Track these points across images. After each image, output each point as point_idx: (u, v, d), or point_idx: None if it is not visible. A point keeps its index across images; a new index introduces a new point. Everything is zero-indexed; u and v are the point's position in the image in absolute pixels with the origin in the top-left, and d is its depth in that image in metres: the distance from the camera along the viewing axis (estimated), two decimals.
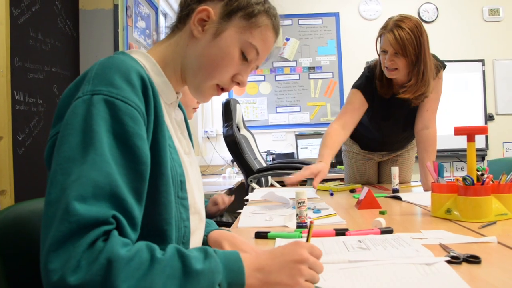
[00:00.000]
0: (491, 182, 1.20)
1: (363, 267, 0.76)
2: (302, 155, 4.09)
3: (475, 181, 1.20)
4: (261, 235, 1.08)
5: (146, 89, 0.71)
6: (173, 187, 0.75)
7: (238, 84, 0.87)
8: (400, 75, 1.85)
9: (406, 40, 1.74)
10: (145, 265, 0.56)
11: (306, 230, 1.09)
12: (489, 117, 4.33)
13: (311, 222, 0.68)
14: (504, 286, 0.66)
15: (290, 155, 4.13)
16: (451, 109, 4.18)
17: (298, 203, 1.14)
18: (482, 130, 1.26)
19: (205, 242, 1.02)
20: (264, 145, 4.23)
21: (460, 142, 4.01)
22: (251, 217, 1.39)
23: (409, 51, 1.75)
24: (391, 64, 1.80)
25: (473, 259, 0.77)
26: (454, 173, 4.35)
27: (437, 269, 0.72)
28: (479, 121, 4.30)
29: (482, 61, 4.34)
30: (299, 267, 0.64)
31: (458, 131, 1.27)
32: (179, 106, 1.00)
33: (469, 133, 1.25)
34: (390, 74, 1.86)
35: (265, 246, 1.01)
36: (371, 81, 1.97)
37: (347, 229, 1.05)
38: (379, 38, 1.86)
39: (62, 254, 0.54)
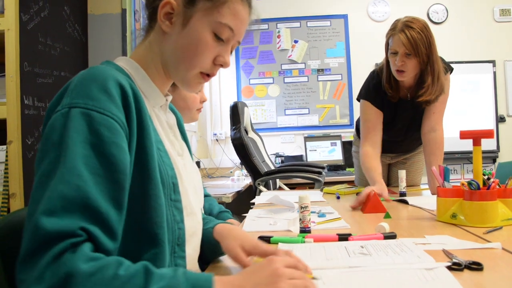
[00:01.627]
0: (497, 187, 1.19)
1: (362, 271, 0.76)
2: (311, 158, 4.08)
3: (481, 186, 1.19)
4: (264, 239, 1.08)
5: (126, 97, 0.71)
6: (164, 190, 0.75)
7: (221, 65, 0.86)
8: (409, 77, 1.85)
9: (418, 40, 1.74)
10: (106, 280, 0.56)
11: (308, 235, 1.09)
12: (500, 119, 4.28)
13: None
14: None
15: (299, 157, 4.12)
16: (461, 111, 4.14)
17: (301, 207, 1.14)
18: (488, 134, 1.24)
19: (211, 234, 0.98)
20: (272, 148, 4.23)
21: (471, 144, 3.96)
22: (255, 221, 1.39)
23: (421, 50, 1.75)
24: (402, 65, 1.79)
25: (475, 266, 0.76)
26: (464, 176, 4.30)
27: (437, 276, 0.72)
28: (490, 123, 4.25)
29: (493, 62, 4.29)
30: (276, 281, 0.62)
31: (464, 135, 1.25)
32: (172, 110, 1.00)
33: (475, 137, 1.24)
34: (400, 76, 1.85)
35: None
36: (378, 88, 1.96)
37: (350, 234, 1.04)
38: (388, 40, 1.85)
39: (30, 266, 0.56)
